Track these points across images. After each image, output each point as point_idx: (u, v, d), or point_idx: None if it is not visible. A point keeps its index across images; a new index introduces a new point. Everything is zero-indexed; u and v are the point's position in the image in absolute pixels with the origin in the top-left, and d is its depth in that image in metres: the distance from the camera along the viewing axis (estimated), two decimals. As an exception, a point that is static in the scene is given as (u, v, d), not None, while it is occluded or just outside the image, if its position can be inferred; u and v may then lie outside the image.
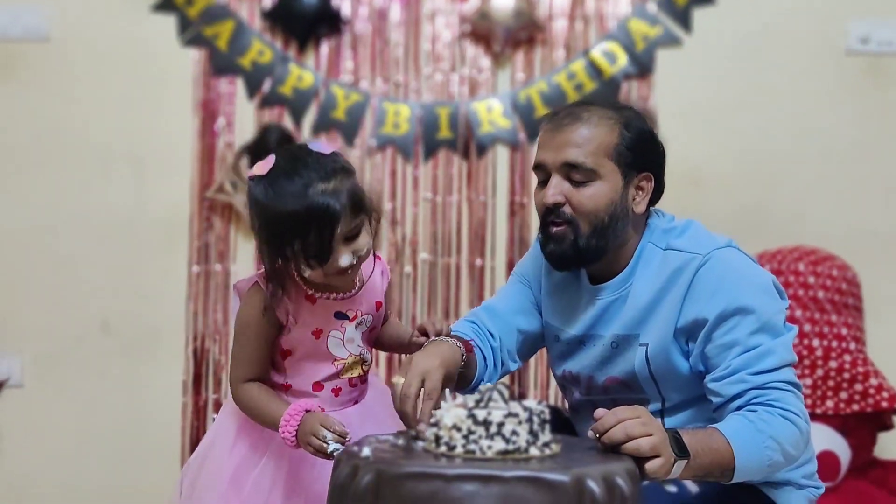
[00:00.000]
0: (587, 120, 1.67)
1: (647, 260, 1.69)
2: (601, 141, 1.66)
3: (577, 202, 1.66)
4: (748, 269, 1.67)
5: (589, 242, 1.66)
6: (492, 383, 1.42)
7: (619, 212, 1.67)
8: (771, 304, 1.64)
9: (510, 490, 1.27)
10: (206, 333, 2.89)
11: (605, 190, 1.66)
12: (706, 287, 1.62)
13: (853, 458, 2.48)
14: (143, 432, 2.87)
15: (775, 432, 1.56)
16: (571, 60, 2.91)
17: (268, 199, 1.56)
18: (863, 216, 2.89)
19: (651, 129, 1.72)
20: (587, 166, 1.65)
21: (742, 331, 1.60)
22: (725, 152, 2.90)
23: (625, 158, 1.66)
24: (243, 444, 1.67)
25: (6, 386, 2.88)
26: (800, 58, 2.90)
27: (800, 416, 1.59)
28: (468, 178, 2.91)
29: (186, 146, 2.91)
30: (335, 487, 1.37)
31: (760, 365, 1.59)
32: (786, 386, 1.59)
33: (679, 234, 1.71)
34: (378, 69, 2.93)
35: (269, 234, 1.59)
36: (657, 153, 1.72)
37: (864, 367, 2.49)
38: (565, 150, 1.66)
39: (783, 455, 1.57)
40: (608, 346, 1.70)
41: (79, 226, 2.91)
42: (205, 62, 2.92)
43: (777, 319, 1.63)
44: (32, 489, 2.88)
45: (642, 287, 1.68)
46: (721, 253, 1.66)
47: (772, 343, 1.60)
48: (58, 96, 2.92)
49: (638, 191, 1.69)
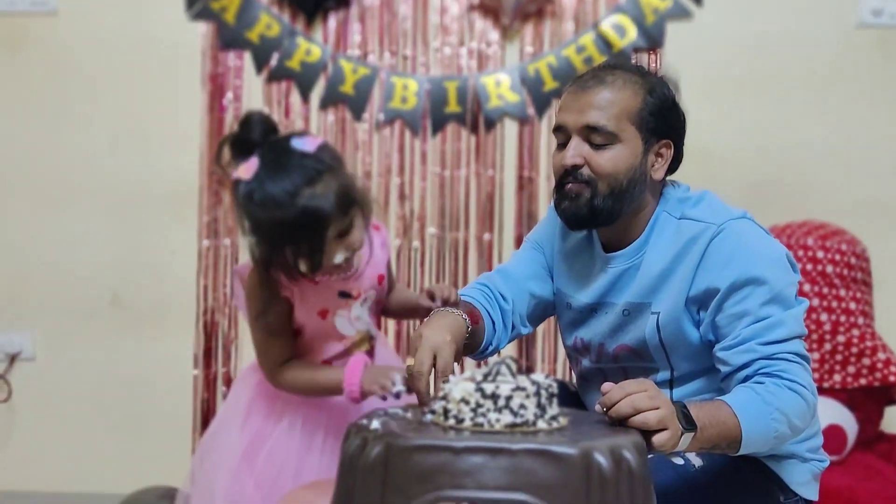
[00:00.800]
0: (611, 83, 1.66)
1: (661, 229, 1.69)
2: (624, 105, 1.65)
3: (596, 165, 1.65)
4: (762, 241, 1.67)
5: (605, 203, 1.66)
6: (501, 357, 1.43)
7: (638, 177, 1.66)
8: (783, 277, 1.63)
9: (518, 462, 1.28)
10: (216, 307, 2.91)
11: (625, 154, 1.65)
12: (719, 257, 1.62)
13: (860, 431, 2.49)
14: (153, 405, 2.90)
15: (782, 404, 1.56)
16: (581, 34, 2.89)
17: (255, 205, 1.55)
18: (872, 190, 2.88)
19: (674, 97, 1.71)
20: (608, 129, 1.64)
21: (753, 301, 1.60)
22: (735, 126, 2.89)
23: (647, 124, 1.66)
24: (255, 421, 1.69)
25: (18, 359, 2.91)
26: (811, 31, 2.88)
27: (807, 388, 1.59)
28: (476, 153, 2.91)
29: (194, 120, 2.91)
30: (345, 460, 1.38)
31: (770, 335, 1.59)
32: (794, 358, 1.59)
33: (694, 204, 1.71)
34: (386, 43, 2.92)
35: (259, 237, 1.57)
36: (679, 121, 1.72)
37: (872, 342, 2.49)
38: (587, 113, 1.65)
39: (789, 427, 1.57)
40: (620, 314, 1.71)
41: (88, 200, 2.92)
42: (212, 36, 2.91)
43: (789, 292, 1.63)
44: (45, 461, 2.91)
45: (655, 256, 1.68)
46: (736, 224, 1.65)
47: (782, 314, 1.60)
48: (66, 70, 2.92)
49: (657, 157, 1.69)
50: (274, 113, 2.89)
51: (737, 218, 1.67)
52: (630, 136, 1.65)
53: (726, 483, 1.65)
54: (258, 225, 1.56)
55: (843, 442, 2.44)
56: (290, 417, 1.64)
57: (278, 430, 1.67)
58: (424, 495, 1.29)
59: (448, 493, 1.29)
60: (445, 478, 1.29)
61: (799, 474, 1.72)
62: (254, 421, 1.68)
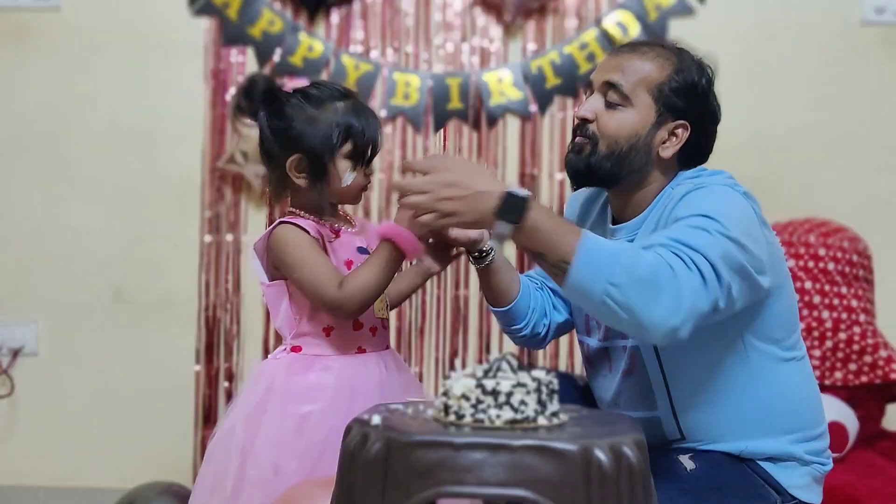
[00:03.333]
0: (643, 53, 1.69)
1: (663, 204, 1.68)
2: (647, 74, 1.66)
3: (603, 123, 1.67)
4: (735, 204, 1.59)
5: (602, 163, 1.67)
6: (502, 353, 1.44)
7: (641, 146, 1.66)
8: (735, 232, 1.51)
9: (518, 458, 1.29)
10: (218, 303, 2.91)
11: (632, 120, 1.66)
12: (686, 201, 1.60)
13: (861, 429, 2.49)
14: (155, 400, 2.90)
15: (631, 269, 1.41)
16: (583, 30, 2.89)
17: (311, 111, 1.64)
18: (874, 188, 2.88)
19: (705, 85, 1.69)
20: (623, 90, 1.66)
21: (685, 222, 1.53)
22: (738, 123, 2.88)
23: (664, 99, 1.66)
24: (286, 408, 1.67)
25: (21, 354, 2.91)
26: (814, 28, 2.88)
27: (676, 280, 1.42)
28: (478, 149, 2.91)
29: (197, 116, 2.91)
30: (346, 455, 1.38)
31: (682, 239, 1.49)
32: (689, 262, 1.45)
33: (703, 178, 1.69)
34: (388, 39, 2.92)
35: (313, 143, 1.64)
36: (704, 108, 1.69)
37: (874, 339, 2.49)
38: (611, 72, 1.68)
39: (623, 298, 1.41)
40: None
41: (90, 195, 2.92)
42: (215, 32, 2.91)
43: (729, 244, 1.50)
44: (47, 456, 2.92)
45: (651, 226, 1.68)
46: (718, 186, 1.62)
47: (704, 239, 1.48)
48: (68, 66, 2.93)
49: (670, 136, 1.68)
50: (276, 109, 2.90)
51: (722, 184, 1.64)
52: (643, 104, 1.66)
53: (718, 486, 1.64)
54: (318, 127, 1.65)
55: (845, 439, 2.44)
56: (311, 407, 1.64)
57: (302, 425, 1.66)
58: (425, 491, 1.30)
59: (448, 488, 1.30)
60: (446, 473, 1.29)
61: (797, 477, 1.70)
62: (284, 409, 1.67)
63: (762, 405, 1.68)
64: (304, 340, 1.69)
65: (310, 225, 1.68)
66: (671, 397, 1.67)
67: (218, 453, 1.69)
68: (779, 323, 1.69)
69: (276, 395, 1.67)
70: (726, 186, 1.64)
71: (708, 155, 1.75)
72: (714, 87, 1.71)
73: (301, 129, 1.65)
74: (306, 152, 1.66)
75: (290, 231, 1.66)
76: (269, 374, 1.70)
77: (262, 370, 1.72)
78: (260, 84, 1.67)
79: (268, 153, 1.70)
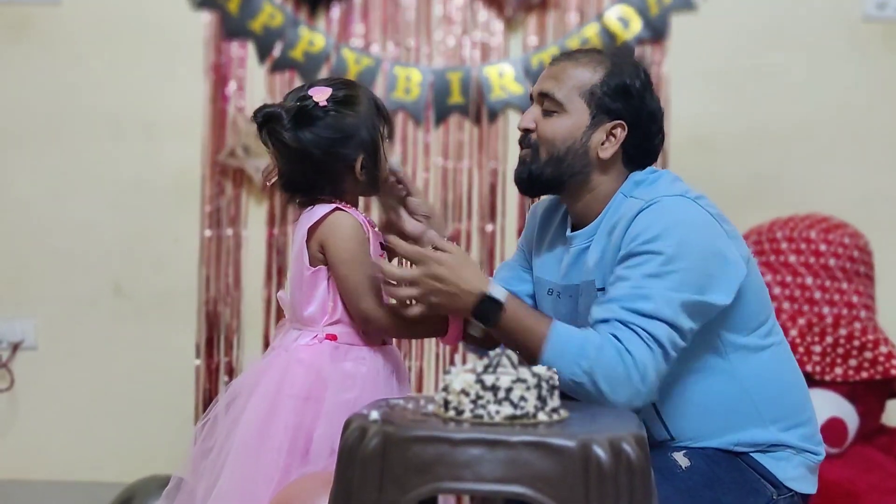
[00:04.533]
0: (577, 60, 1.74)
1: (615, 210, 1.71)
2: (579, 79, 1.72)
3: (540, 130, 1.73)
4: (688, 223, 1.62)
5: (543, 169, 1.72)
6: (502, 349, 1.44)
7: (578, 148, 1.71)
8: (690, 261, 1.58)
9: (516, 455, 1.29)
10: (218, 297, 2.91)
11: (566, 124, 1.71)
12: (637, 226, 1.62)
13: (861, 424, 2.48)
14: (155, 395, 2.90)
15: (596, 363, 1.54)
16: (584, 25, 2.88)
17: (353, 112, 1.67)
18: (875, 184, 2.87)
19: (639, 86, 1.72)
20: (556, 98, 1.72)
21: (641, 270, 1.59)
22: (739, 119, 2.88)
23: (597, 101, 1.70)
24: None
25: (20, 348, 2.91)
26: (816, 23, 2.87)
27: (636, 367, 1.55)
28: (479, 144, 2.90)
29: (197, 110, 2.90)
30: (344, 450, 1.38)
31: (636, 304, 1.57)
32: (646, 336, 1.56)
33: (647, 185, 1.72)
34: (389, 33, 2.91)
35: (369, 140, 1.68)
36: (639, 108, 1.72)
37: (874, 335, 2.48)
38: (546, 82, 1.74)
39: (592, 384, 1.55)
40: (578, 295, 1.72)
41: (90, 190, 2.92)
42: (216, 25, 2.91)
43: (687, 278, 1.58)
44: (47, 450, 2.92)
45: (603, 235, 1.69)
46: (668, 200, 1.64)
47: (659, 293, 1.56)
48: (69, 60, 2.92)
49: (609, 137, 1.71)
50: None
51: (673, 195, 1.65)
52: (576, 108, 1.71)
53: (713, 482, 1.64)
54: (363, 121, 1.67)
55: (844, 435, 2.44)
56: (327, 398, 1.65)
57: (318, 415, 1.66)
58: (422, 487, 1.29)
59: (446, 485, 1.30)
60: (443, 469, 1.29)
61: (791, 468, 1.70)
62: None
63: (745, 395, 1.69)
64: (338, 329, 1.69)
65: (361, 219, 1.70)
66: (653, 401, 1.67)
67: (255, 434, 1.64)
68: (750, 311, 1.69)
69: (329, 382, 1.65)
70: (678, 197, 1.65)
71: (655, 155, 1.77)
72: (651, 86, 1.75)
73: (357, 134, 1.67)
74: (367, 150, 1.69)
75: (348, 220, 1.67)
76: (312, 362, 1.67)
77: (299, 357, 1.68)
78: (282, 113, 1.67)
79: (321, 168, 1.68)
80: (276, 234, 2.92)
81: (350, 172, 1.68)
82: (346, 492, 1.36)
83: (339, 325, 1.69)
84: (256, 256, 2.91)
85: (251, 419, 1.65)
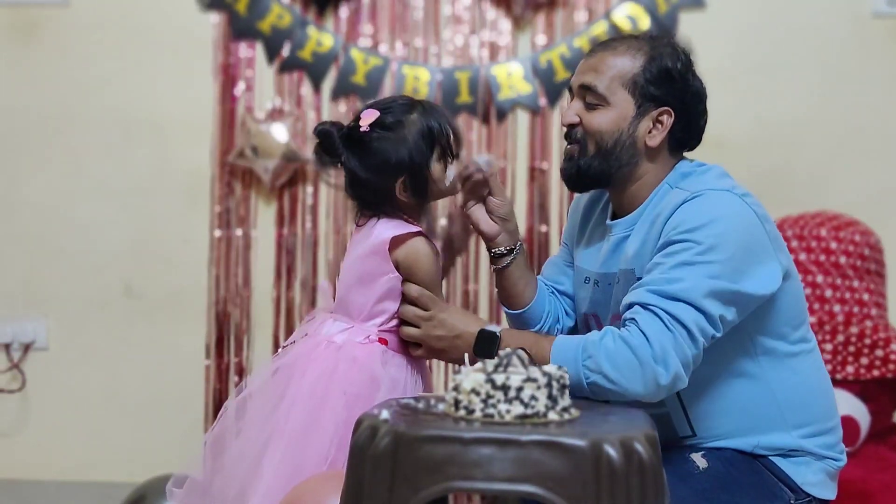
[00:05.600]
0: (615, 49, 1.70)
1: (659, 199, 1.69)
2: (620, 69, 1.68)
3: (586, 123, 1.70)
4: (732, 216, 1.60)
5: (591, 163, 1.70)
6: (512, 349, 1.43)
7: (626, 139, 1.68)
8: (726, 253, 1.56)
9: (527, 454, 1.28)
10: (228, 297, 2.92)
11: (612, 116, 1.68)
12: (679, 216, 1.61)
13: (873, 423, 2.48)
14: (166, 395, 2.91)
15: (600, 352, 1.54)
16: (593, 23, 2.88)
17: (395, 136, 1.69)
18: (886, 181, 2.86)
19: (681, 68, 1.69)
20: (598, 91, 1.68)
21: (676, 257, 1.57)
22: (749, 116, 2.87)
23: (641, 90, 1.67)
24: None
25: (32, 349, 2.92)
26: (825, 20, 2.86)
27: (650, 347, 1.52)
28: (488, 144, 2.90)
29: (206, 111, 2.91)
30: (355, 450, 1.38)
31: (663, 287, 1.55)
32: (666, 318, 1.53)
33: (695, 176, 1.69)
34: (397, 33, 2.91)
35: (411, 164, 1.69)
36: (685, 91, 1.70)
37: (886, 333, 2.48)
38: (586, 74, 1.71)
39: (604, 379, 1.54)
40: (616, 283, 1.71)
41: (100, 191, 2.93)
42: (224, 26, 2.91)
43: (721, 270, 1.55)
44: (58, 450, 2.93)
45: (646, 224, 1.67)
46: (714, 193, 1.62)
47: (688, 278, 1.54)
48: (78, 61, 2.93)
49: (655, 124, 1.69)
50: (285, 103, 2.90)
51: (720, 189, 1.64)
52: (621, 99, 1.68)
53: (731, 485, 1.63)
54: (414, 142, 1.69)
55: (856, 434, 2.44)
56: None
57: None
58: (433, 486, 1.29)
59: (457, 484, 1.30)
60: (454, 469, 1.29)
61: (811, 474, 1.69)
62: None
63: (772, 399, 1.67)
64: (389, 336, 1.74)
65: (431, 241, 1.75)
66: (680, 394, 1.66)
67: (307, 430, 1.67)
68: (786, 318, 1.68)
69: (381, 383, 1.69)
70: (724, 192, 1.64)
71: (700, 136, 1.75)
72: (693, 66, 1.72)
73: (396, 157, 1.70)
74: (408, 173, 1.71)
75: (427, 249, 1.73)
76: (366, 362, 1.71)
77: (354, 354, 1.71)
78: (334, 133, 1.73)
79: (367, 188, 1.74)
80: (285, 234, 2.92)
81: (395, 192, 1.72)
82: (357, 491, 1.36)
83: (391, 333, 1.74)
84: (266, 257, 2.92)
85: (300, 408, 1.68)
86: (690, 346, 1.55)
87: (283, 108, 2.89)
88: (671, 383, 1.54)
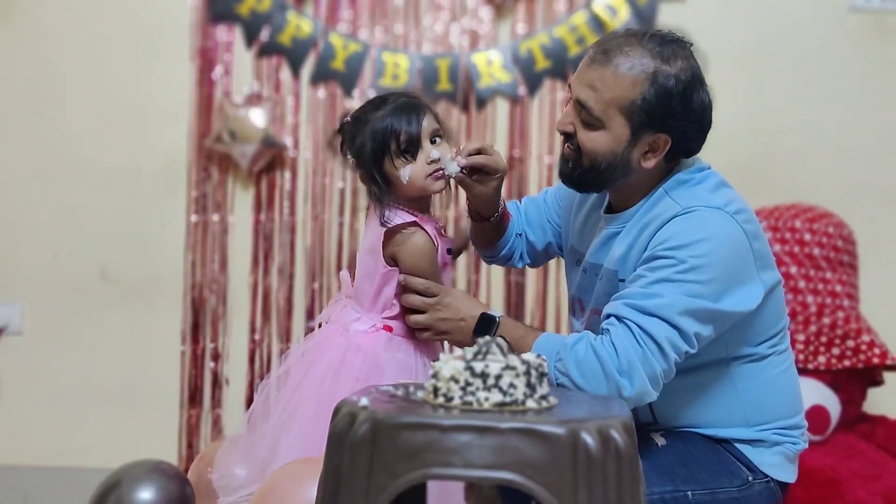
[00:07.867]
0: (617, 66, 1.61)
1: (652, 204, 1.67)
2: (618, 93, 1.61)
3: (581, 139, 1.67)
4: (720, 236, 1.59)
5: (585, 175, 1.69)
6: (491, 336, 1.44)
7: (619, 163, 1.65)
8: (707, 275, 1.56)
9: (505, 441, 1.29)
10: (204, 283, 2.90)
11: (606, 140, 1.64)
12: (667, 231, 1.60)
13: (843, 412, 2.51)
14: (141, 380, 2.90)
15: (569, 357, 1.57)
16: (573, 12, 2.88)
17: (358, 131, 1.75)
18: (861, 174, 2.89)
19: (681, 90, 1.61)
20: (594, 113, 1.63)
21: (657, 273, 1.57)
22: (725, 108, 2.85)
23: (638, 117, 1.61)
24: None
25: (6, 333, 2.90)
26: (803, 14, 2.88)
27: (619, 360, 1.54)
28: (467, 132, 2.90)
29: (184, 95, 2.89)
30: (333, 436, 1.39)
31: (640, 302, 1.56)
32: (639, 333, 1.55)
33: (690, 186, 1.67)
34: (377, 19, 2.90)
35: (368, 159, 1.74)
36: (684, 114, 1.63)
37: (857, 324, 2.51)
38: (583, 89, 1.64)
39: (569, 381, 1.58)
40: (600, 277, 1.72)
41: (77, 174, 2.90)
42: (203, 9, 2.89)
43: (700, 290, 1.55)
44: (32, 435, 2.91)
45: (635, 228, 1.67)
46: (705, 211, 1.61)
47: (666, 295, 1.55)
48: (55, 43, 2.90)
49: (650, 149, 1.65)
50: (264, 88, 2.88)
51: (712, 207, 1.61)
52: (616, 124, 1.63)
53: (689, 461, 1.65)
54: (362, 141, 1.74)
55: (827, 422, 2.47)
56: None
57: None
58: (412, 473, 1.30)
59: (435, 470, 1.30)
60: (432, 456, 1.30)
61: (769, 455, 1.70)
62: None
63: (735, 398, 1.69)
64: (394, 323, 1.78)
65: (432, 230, 1.77)
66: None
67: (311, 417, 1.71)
68: (762, 329, 1.69)
69: (385, 369, 1.74)
70: (716, 210, 1.61)
71: (701, 145, 1.71)
72: (700, 80, 1.65)
73: (355, 152, 1.77)
74: (367, 167, 1.76)
75: (420, 238, 1.75)
76: (370, 349, 1.76)
77: (358, 342, 1.76)
78: (341, 123, 1.81)
79: (360, 178, 1.81)
80: (262, 220, 2.91)
81: (374, 183, 1.76)
82: (336, 477, 1.36)
83: (396, 320, 1.78)
84: (242, 242, 2.91)
85: (313, 393, 1.74)
86: (660, 361, 1.56)
87: (262, 92, 2.88)
88: (636, 396, 1.56)
